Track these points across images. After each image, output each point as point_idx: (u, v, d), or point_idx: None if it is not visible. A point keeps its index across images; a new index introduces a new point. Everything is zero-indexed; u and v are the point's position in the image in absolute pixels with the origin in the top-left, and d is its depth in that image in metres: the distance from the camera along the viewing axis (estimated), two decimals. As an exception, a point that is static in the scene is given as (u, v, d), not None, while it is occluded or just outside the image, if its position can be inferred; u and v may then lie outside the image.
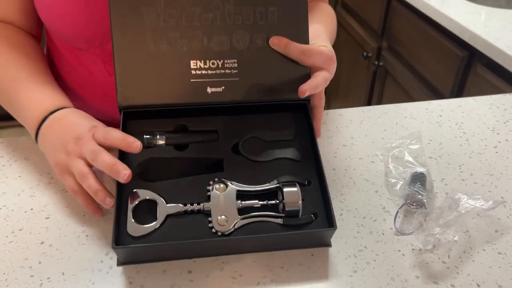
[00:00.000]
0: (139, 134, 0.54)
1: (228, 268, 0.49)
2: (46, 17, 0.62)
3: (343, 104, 2.05)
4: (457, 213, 0.52)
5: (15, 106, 0.60)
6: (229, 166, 0.54)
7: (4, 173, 0.61)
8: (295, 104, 0.57)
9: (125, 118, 0.55)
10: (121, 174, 0.48)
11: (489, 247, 0.52)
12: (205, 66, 0.55)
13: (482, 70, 1.08)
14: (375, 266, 0.49)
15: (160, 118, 0.57)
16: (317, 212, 0.51)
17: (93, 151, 0.50)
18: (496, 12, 1.18)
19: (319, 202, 0.52)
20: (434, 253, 0.51)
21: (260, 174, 0.54)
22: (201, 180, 0.53)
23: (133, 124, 0.56)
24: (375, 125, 0.72)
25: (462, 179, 0.62)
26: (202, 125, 0.57)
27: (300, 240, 0.50)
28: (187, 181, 0.53)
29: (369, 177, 0.62)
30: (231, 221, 0.49)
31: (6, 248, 0.51)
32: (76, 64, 0.67)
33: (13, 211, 0.55)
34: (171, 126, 0.57)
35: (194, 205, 0.50)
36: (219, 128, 0.57)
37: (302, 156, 0.56)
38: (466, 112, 0.76)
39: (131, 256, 0.49)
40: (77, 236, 0.52)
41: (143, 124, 0.56)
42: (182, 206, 0.50)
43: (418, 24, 1.32)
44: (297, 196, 0.50)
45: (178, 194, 0.52)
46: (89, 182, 0.50)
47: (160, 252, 0.49)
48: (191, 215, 0.50)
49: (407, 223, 0.55)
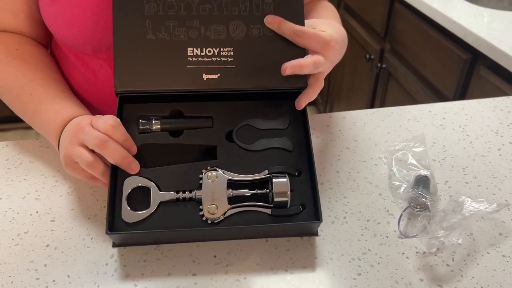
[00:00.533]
0: (134, 118, 0.56)
1: (232, 270, 0.49)
2: (53, 25, 0.63)
3: (345, 106, 2.05)
4: (461, 216, 0.52)
5: (37, 119, 0.60)
6: (222, 154, 0.55)
7: (10, 176, 0.61)
8: (289, 92, 0.57)
9: (121, 102, 0.56)
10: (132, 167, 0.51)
11: (493, 250, 0.52)
12: (201, 54, 0.55)
13: (486, 72, 1.08)
14: (379, 269, 0.49)
15: (156, 103, 0.57)
16: (305, 203, 0.53)
17: (98, 137, 0.49)
18: (499, 14, 1.18)
19: (308, 192, 0.53)
20: (438, 256, 0.51)
21: (252, 163, 0.55)
22: (194, 167, 0.54)
23: (129, 108, 0.57)
24: (378, 128, 0.72)
25: (466, 182, 0.62)
26: (198, 111, 0.58)
27: (287, 229, 0.52)
28: (180, 168, 0.54)
29: (372, 180, 0.62)
30: (221, 210, 0.51)
31: (12, 251, 0.51)
32: (82, 68, 0.67)
33: (19, 214, 0.55)
34: (166, 112, 0.58)
35: (186, 193, 0.52)
36: (214, 115, 0.58)
37: (295, 146, 0.57)
38: (469, 114, 0.76)
39: (125, 240, 0.51)
40: (82, 239, 0.52)
41: (138, 108, 0.57)
42: (175, 194, 0.52)
43: (421, 26, 1.32)
44: (285, 187, 0.51)
45: (171, 180, 0.53)
46: (100, 169, 0.51)
47: (153, 237, 0.51)
48: (183, 203, 0.52)
49: (411, 226, 0.55)
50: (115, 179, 0.52)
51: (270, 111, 0.59)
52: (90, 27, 0.60)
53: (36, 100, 0.60)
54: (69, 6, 0.60)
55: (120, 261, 0.50)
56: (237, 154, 0.55)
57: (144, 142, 0.55)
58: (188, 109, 0.58)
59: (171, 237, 0.52)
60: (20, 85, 0.62)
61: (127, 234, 0.50)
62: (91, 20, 0.60)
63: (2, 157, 0.65)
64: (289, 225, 0.52)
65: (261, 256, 0.51)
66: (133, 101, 0.57)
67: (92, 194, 0.58)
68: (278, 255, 0.51)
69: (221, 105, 0.58)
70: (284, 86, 0.56)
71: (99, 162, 0.51)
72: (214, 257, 0.51)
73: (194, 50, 0.55)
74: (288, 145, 0.56)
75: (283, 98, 0.59)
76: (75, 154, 0.51)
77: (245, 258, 0.50)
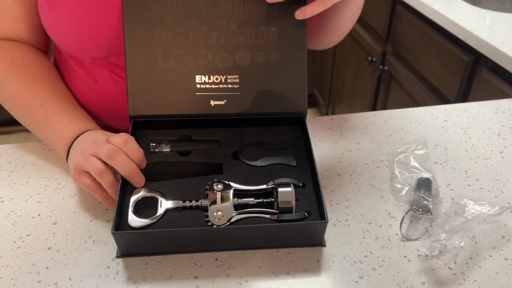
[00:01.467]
0: (146, 142, 0.59)
1: (234, 274, 0.49)
2: (51, 31, 0.63)
3: (347, 108, 2.05)
4: (463, 218, 0.52)
5: (45, 129, 0.61)
6: (228, 169, 0.57)
7: (12, 179, 0.62)
8: (292, 117, 0.61)
9: (134, 127, 0.59)
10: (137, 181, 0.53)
11: (496, 253, 0.52)
12: (209, 81, 0.59)
13: (488, 74, 1.08)
14: (381, 272, 0.49)
15: (166, 129, 0.61)
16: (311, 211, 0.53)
17: (110, 148, 0.52)
18: (501, 17, 1.18)
19: (312, 203, 0.54)
20: (441, 259, 0.51)
21: (257, 177, 0.57)
22: (200, 180, 0.56)
23: (141, 133, 0.60)
24: (380, 130, 0.72)
25: (468, 185, 0.61)
26: (205, 136, 0.61)
27: (293, 235, 0.52)
28: (186, 181, 0.56)
29: (374, 183, 0.62)
30: (226, 216, 0.51)
31: (14, 254, 0.51)
32: (82, 73, 0.68)
33: (21, 217, 0.56)
34: (176, 136, 0.61)
35: (192, 202, 0.52)
36: (220, 138, 0.61)
37: (298, 162, 0.59)
38: (471, 117, 0.76)
39: (130, 245, 0.50)
40: (84, 242, 0.52)
41: (150, 134, 0.60)
42: (181, 202, 0.52)
43: (422, 28, 1.32)
44: (290, 195, 0.52)
45: (177, 192, 0.54)
46: (108, 179, 0.52)
47: (158, 242, 0.50)
48: (189, 210, 0.53)
49: (413, 228, 0.55)
50: (123, 189, 0.53)
51: (274, 134, 0.62)
52: (86, 35, 0.61)
53: (45, 110, 0.61)
54: (65, 14, 0.60)
55: (122, 264, 0.50)
56: (242, 170, 0.57)
57: (154, 160, 0.57)
58: (196, 134, 0.61)
59: (174, 244, 0.51)
60: (29, 94, 0.62)
61: (131, 236, 0.50)
62: (87, 28, 0.60)
63: (5, 159, 0.65)
64: (295, 226, 0.51)
65: (263, 259, 0.51)
66: (144, 127, 0.60)
67: (94, 197, 0.58)
68: (280, 258, 0.51)
69: (227, 130, 0.61)
70: (286, 110, 0.60)
71: (109, 173, 0.52)
72: (215, 260, 0.51)
73: (202, 78, 0.59)
74: (292, 162, 0.59)
75: (285, 122, 0.63)
76: (87, 163, 0.53)
77: (246, 261, 0.50)
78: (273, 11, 0.58)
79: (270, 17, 0.58)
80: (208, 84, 0.59)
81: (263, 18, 0.58)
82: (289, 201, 0.51)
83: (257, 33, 0.58)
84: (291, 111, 0.60)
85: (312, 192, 0.55)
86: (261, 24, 0.58)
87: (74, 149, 0.57)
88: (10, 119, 0.66)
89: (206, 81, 0.58)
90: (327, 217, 0.50)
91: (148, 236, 0.50)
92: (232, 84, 0.59)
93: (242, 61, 0.59)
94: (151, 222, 0.51)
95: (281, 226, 0.51)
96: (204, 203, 0.52)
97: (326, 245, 0.52)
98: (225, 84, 0.59)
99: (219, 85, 0.59)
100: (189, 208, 0.52)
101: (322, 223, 0.50)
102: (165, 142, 0.59)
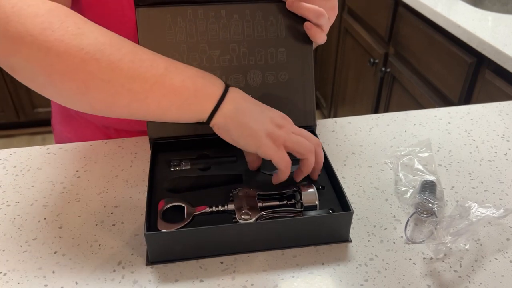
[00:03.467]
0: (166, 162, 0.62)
1: (239, 277, 0.49)
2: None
3: (350, 110, 2.05)
4: (468, 221, 0.52)
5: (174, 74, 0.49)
6: (248, 179, 0.60)
7: (18, 183, 0.62)
8: None
9: (154, 150, 0.62)
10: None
11: (501, 255, 0.52)
12: None
13: (491, 76, 1.08)
14: (386, 275, 0.49)
15: (185, 150, 0.64)
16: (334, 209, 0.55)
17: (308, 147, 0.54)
18: (504, 18, 1.18)
19: (334, 204, 0.56)
20: (446, 262, 0.51)
21: (276, 185, 0.57)
22: (223, 190, 0.58)
23: (161, 155, 0.63)
24: (384, 132, 0.72)
25: (473, 187, 0.62)
26: (222, 154, 0.64)
27: (319, 231, 0.52)
28: (209, 191, 0.58)
29: (378, 185, 0.62)
30: (253, 215, 0.52)
31: (21, 258, 0.51)
32: None
33: (27, 221, 0.56)
34: (194, 156, 0.64)
35: (218, 207, 0.54)
36: (237, 155, 0.63)
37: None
38: (475, 119, 0.76)
39: (162, 248, 0.50)
40: (89, 246, 0.53)
41: (170, 155, 0.63)
42: (208, 208, 0.54)
43: (425, 30, 1.32)
44: (313, 194, 0.54)
45: (202, 201, 0.56)
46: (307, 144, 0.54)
47: (190, 243, 0.50)
48: (216, 215, 0.54)
49: (418, 231, 0.55)
50: (150, 195, 0.54)
51: None
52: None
53: (161, 60, 0.50)
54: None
55: (127, 268, 0.50)
56: (261, 179, 0.60)
57: (177, 176, 0.60)
58: (213, 153, 0.64)
59: (206, 244, 0.51)
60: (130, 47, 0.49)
61: (163, 238, 0.49)
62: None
63: (10, 164, 0.65)
64: (321, 218, 0.52)
65: (268, 262, 0.51)
66: (164, 150, 0.63)
67: (100, 201, 0.59)
68: (285, 261, 0.51)
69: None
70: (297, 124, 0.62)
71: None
72: (221, 263, 0.51)
73: None
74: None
75: None
76: (291, 139, 0.53)
77: (251, 264, 0.50)
78: (281, 33, 0.62)
79: (278, 38, 0.62)
80: None
81: (271, 40, 0.62)
82: (313, 199, 0.53)
83: (266, 54, 0.62)
84: (301, 124, 0.62)
85: (332, 194, 0.57)
86: (271, 45, 0.62)
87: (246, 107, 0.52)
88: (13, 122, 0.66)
89: None
90: (351, 207, 0.51)
91: (180, 235, 0.50)
92: None
93: (253, 81, 0.62)
94: (180, 226, 0.52)
95: (309, 219, 0.52)
96: (230, 207, 0.54)
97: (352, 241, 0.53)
98: None
99: None
100: (216, 212, 0.54)
101: (347, 214, 0.51)
102: (185, 161, 0.62)
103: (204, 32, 0.61)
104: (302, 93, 0.63)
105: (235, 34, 0.61)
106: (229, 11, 0.61)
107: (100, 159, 0.66)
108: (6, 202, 0.59)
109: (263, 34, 0.62)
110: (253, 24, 0.61)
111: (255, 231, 0.51)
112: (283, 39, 0.62)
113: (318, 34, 0.61)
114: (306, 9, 0.60)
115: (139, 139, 0.71)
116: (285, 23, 0.62)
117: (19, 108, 2.38)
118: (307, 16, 0.60)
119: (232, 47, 0.61)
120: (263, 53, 0.62)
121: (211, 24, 0.61)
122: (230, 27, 0.61)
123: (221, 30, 0.61)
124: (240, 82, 0.62)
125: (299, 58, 0.63)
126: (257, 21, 0.61)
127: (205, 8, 0.60)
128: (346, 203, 0.53)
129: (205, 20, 0.60)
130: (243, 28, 0.61)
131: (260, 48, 0.62)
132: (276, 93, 0.63)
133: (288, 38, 0.62)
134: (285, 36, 0.62)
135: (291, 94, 0.63)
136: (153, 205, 0.54)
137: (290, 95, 0.63)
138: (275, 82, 0.63)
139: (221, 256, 0.51)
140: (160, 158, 0.63)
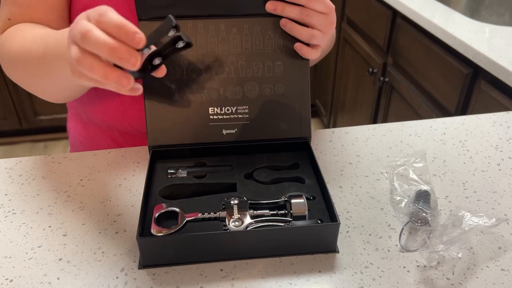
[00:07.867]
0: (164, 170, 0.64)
1: (238, 284, 0.51)
2: None
3: (349, 118, 2.07)
4: (461, 230, 0.54)
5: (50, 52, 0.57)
6: (242, 187, 0.62)
7: (23, 192, 0.64)
8: (297, 142, 0.67)
9: (153, 157, 0.64)
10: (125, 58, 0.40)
11: (493, 263, 0.53)
12: (221, 112, 0.64)
13: (486, 86, 1.10)
14: (381, 283, 0.51)
15: (183, 157, 0.66)
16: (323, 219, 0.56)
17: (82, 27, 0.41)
18: (500, 30, 1.20)
19: (323, 215, 0.57)
20: (439, 270, 0.52)
21: (269, 194, 0.60)
22: (217, 198, 0.60)
23: (160, 163, 0.65)
24: (380, 143, 0.74)
25: (466, 197, 0.63)
26: (218, 162, 0.66)
27: (307, 240, 0.53)
28: (203, 199, 0.60)
29: (374, 195, 0.63)
30: (243, 223, 0.55)
31: (26, 265, 0.53)
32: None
33: (32, 228, 0.58)
34: (191, 164, 0.66)
35: (211, 214, 0.56)
36: (233, 164, 0.65)
37: (306, 180, 0.63)
38: (469, 129, 0.78)
39: (154, 253, 0.52)
40: (93, 253, 0.54)
41: (168, 162, 0.65)
42: (200, 214, 0.56)
43: (422, 41, 1.35)
44: (303, 205, 0.55)
45: (195, 208, 0.58)
46: (95, 35, 0.41)
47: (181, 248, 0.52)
48: (208, 222, 0.56)
49: (412, 240, 0.56)
50: (145, 201, 0.56)
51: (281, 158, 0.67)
52: None
53: (47, 38, 0.58)
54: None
55: (130, 275, 0.52)
56: (255, 188, 0.62)
57: (172, 182, 0.62)
58: (210, 161, 0.66)
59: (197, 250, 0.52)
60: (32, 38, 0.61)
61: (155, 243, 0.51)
62: None
63: (16, 173, 0.67)
64: (308, 228, 0.53)
65: (266, 270, 0.52)
66: (163, 157, 0.65)
67: (103, 209, 0.61)
68: (283, 269, 0.52)
69: (238, 157, 0.67)
70: (292, 135, 0.65)
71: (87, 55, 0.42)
72: (220, 270, 0.52)
73: (215, 109, 0.64)
74: (301, 179, 0.63)
75: (291, 148, 0.68)
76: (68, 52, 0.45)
77: (250, 271, 0.52)
78: (278, 47, 0.64)
79: (275, 52, 0.64)
80: (220, 115, 0.64)
81: (269, 53, 0.64)
82: (302, 210, 0.55)
83: (264, 67, 0.64)
84: (297, 136, 0.66)
85: (322, 205, 0.59)
86: (268, 58, 0.64)
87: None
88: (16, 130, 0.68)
89: (218, 112, 0.64)
90: (338, 219, 0.52)
91: (172, 240, 0.52)
92: (242, 114, 0.65)
93: (251, 93, 0.64)
94: (173, 231, 0.54)
95: (296, 229, 0.53)
96: (222, 215, 0.56)
97: (339, 252, 0.54)
98: (236, 114, 0.65)
99: (230, 116, 0.65)
100: (208, 219, 0.56)
101: (334, 225, 0.53)
102: (182, 168, 0.64)
103: (204, 45, 0.63)
104: (298, 105, 0.65)
105: (234, 47, 0.63)
106: (228, 25, 0.63)
107: (103, 168, 0.68)
108: (12, 210, 0.60)
109: (260, 47, 0.64)
110: (251, 38, 0.63)
111: (242, 239, 0.53)
112: (280, 52, 0.64)
113: (309, 53, 0.63)
114: (298, 32, 0.62)
115: (142, 148, 0.73)
116: (282, 37, 0.64)
117: (21, 116, 2.40)
118: (299, 38, 0.63)
119: (230, 60, 0.63)
120: (260, 66, 0.64)
121: (211, 37, 0.63)
122: (229, 41, 0.63)
123: (220, 43, 0.63)
124: (237, 94, 0.64)
125: (295, 71, 0.65)
126: (255, 35, 0.63)
127: (205, 22, 0.62)
128: (334, 214, 0.54)
129: (205, 33, 0.63)
130: (242, 42, 0.63)
131: (258, 61, 0.64)
132: (272, 105, 0.65)
133: (285, 52, 0.64)
134: (282, 50, 0.64)
135: (287, 106, 0.65)
136: (148, 211, 0.57)
137: (286, 107, 0.65)
138: (271, 94, 0.65)
139: (220, 262, 0.53)
140: (158, 165, 0.65)
